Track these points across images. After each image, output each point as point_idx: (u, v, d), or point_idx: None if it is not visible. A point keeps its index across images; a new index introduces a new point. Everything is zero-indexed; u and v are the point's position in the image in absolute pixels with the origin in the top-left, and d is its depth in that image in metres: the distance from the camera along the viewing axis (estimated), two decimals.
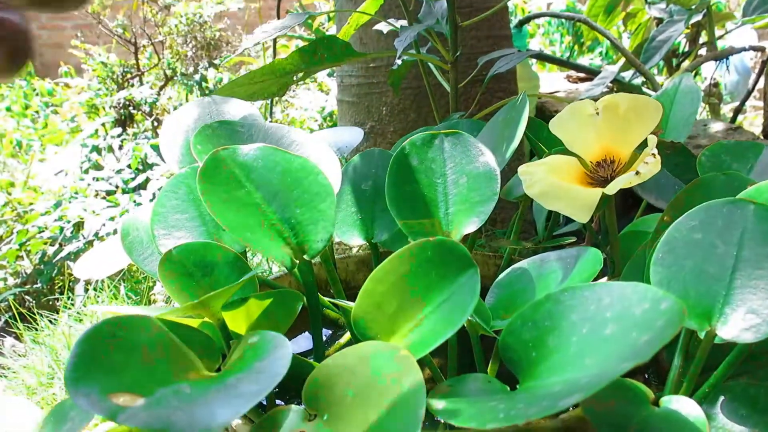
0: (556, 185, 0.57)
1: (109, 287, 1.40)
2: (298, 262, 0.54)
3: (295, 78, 0.90)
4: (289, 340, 0.73)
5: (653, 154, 0.54)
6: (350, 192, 0.70)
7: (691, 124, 0.77)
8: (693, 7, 1.34)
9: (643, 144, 0.58)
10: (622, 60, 1.46)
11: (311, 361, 0.57)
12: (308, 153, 0.62)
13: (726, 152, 0.70)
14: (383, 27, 1.09)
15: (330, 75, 2.77)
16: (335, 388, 0.40)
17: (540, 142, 0.78)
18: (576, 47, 3.29)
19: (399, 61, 1.08)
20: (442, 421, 0.49)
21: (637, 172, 0.53)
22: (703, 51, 1.60)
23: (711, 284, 0.44)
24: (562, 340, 0.39)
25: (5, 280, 1.51)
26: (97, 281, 1.43)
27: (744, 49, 1.41)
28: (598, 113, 0.61)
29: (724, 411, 0.46)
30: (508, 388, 0.42)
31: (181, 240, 0.62)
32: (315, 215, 0.53)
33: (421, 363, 0.39)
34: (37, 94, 3.35)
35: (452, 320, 0.41)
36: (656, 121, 0.58)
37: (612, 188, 0.54)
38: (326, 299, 0.63)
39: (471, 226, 0.57)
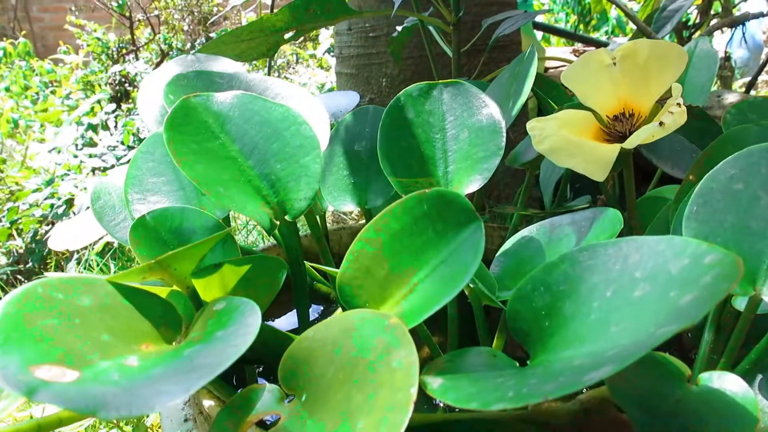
0: (569, 140, 0.51)
1: (98, 264, 1.36)
2: (278, 223, 0.48)
3: (286, 37, 0.84)
4: (280, 316, 0.68)
5: (679, 104, 0.48)
6: (342, 153, 0.63)
7: (709, 89, 0.72)
8: None
9: (665, 96, 0.52)
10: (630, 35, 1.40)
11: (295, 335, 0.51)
12: (293, 104, 0.55)
13: (753, 109, 0.64)
14: None
15: (329, 51, 2.70)
16: (315, 365, 0.34)
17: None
18: (581, 26, 3.24)
19: (399, 28, 1.02)
20: (439, 401, 0.43)
21: (661, 123, 0.47)
22: (714, 24, 1.53)
23: (755, 242, 0.37)
24: (580, 306, 0.33)
25: None
26: (87, 259, 1.39)
27: (762, 15, 1.33)
28: (615, 63, 0.55)
29: (763, 391, 0.40)
30: (518, 364, 0.36)
31: (156, 205, 0.56)
32: (297, 170, 0.47)
33: (419, 339, 0.33)
34: (36, 75, 3.30)
35: (451, 284, 0.35)
36: (681, 69, 0.52)
37: (632, 141, 0.48)
38: (311, 265, 0.57)
39: (473, 185, 0.51)
